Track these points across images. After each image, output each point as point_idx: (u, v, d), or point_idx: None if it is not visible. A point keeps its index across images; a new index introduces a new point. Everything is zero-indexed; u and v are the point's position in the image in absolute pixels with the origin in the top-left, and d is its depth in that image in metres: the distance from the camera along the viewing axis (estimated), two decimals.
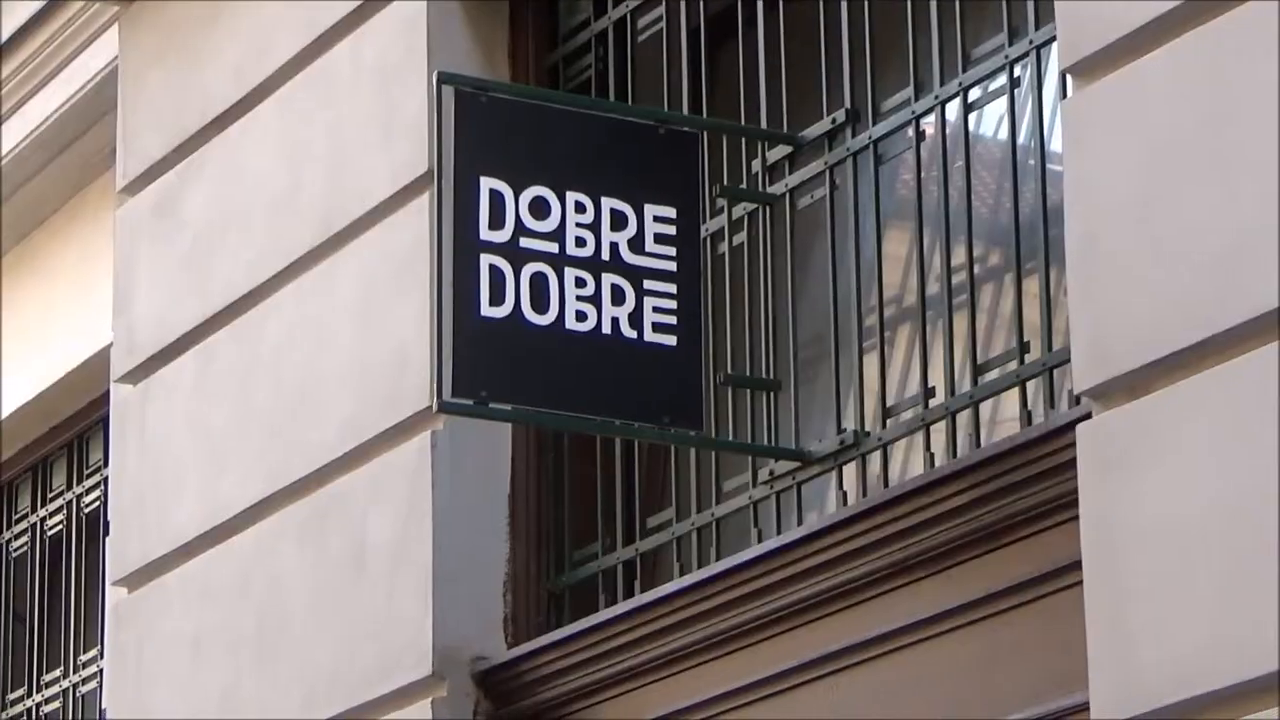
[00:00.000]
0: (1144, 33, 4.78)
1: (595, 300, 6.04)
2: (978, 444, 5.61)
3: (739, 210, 6.36)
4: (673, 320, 6.11)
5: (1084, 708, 4.75)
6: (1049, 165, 5.48)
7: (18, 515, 9.95)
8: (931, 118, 5.91)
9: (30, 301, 9.44)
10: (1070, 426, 4.91)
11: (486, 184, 5.99)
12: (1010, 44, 5.66)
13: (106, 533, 8.12)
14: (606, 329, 6.06)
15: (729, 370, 6.27)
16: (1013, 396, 5.59)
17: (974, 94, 5.80)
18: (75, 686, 9.26)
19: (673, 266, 6.13)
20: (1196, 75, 4.72)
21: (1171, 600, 4.65)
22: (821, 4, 6.17)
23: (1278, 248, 4.50)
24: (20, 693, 9.76)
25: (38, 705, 9.60)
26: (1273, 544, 4.45)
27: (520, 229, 6.00)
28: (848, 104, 6.10)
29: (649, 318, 6.08)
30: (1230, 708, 4.52)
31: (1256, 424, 4.53)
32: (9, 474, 9.91)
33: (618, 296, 6.06)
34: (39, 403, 9.39)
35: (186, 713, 7.33)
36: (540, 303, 6.00)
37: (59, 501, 9.66)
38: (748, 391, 6.28)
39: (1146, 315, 4.73)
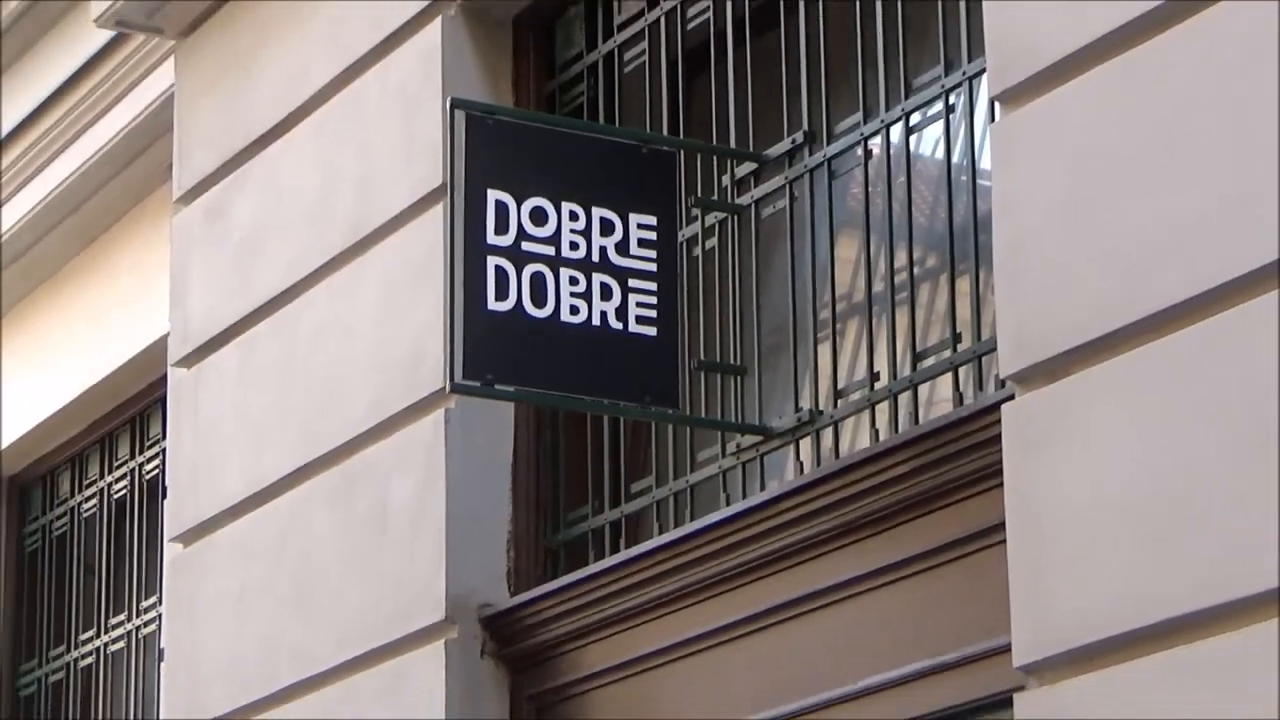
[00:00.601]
0: (1062, 65, 4.79)
1: (586, 296, 6.04)
2: (916, 421, 5.61)
3: (711, 219, 6.37)
4: (653, 314, 6.12)
5: (1006, 649, 4.75)
6: (979, 180, 5.48)
7: (88, 482, 9.93)
8: (878, 139, 5.90)
9: (98, 296, 9.43)
10: (996, 407, 4.92)
11: (492, 195, 5.99)
12: (946, 75, 5.65)
13: (164, 496, 8.10)
14: (596, 321, 6.06)
15: (702, 357, 6.28)
16: (946, 380, 5.59)
17: (915, 118, 5.80)
18: (137, 629, 9.24)
19: (653, 267, 6.14)
20: (1108, 102, 4.73)
21: (1082, 557, 4.66)
22: (783, 40, 6.17)
23: (1177, 252, 4.51)
24: (90, 634, 9.74)
25: (105, 645, 9.58)
26: (1168, 508, 4.45)
27: (522, 234, 6.01)
28: (805, 127, 6.09)
29: (633, 311, 6.09)
30: (1132, 649, 4.51)
31: (1158, 405, 4.54)
32: (79, 446, 9.91)
33: (606, 293, 6.07)
34: (106, 384, 9.37)
35: (233, 651, 7.33)
36: (539, 298, 6.00)
37: (124, 470, 9.63)
38: (718, 375, 6.28)
39: (1063, 310, 4.74)
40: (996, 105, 5.00)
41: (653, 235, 6.17)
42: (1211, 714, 4.32)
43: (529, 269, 6.02)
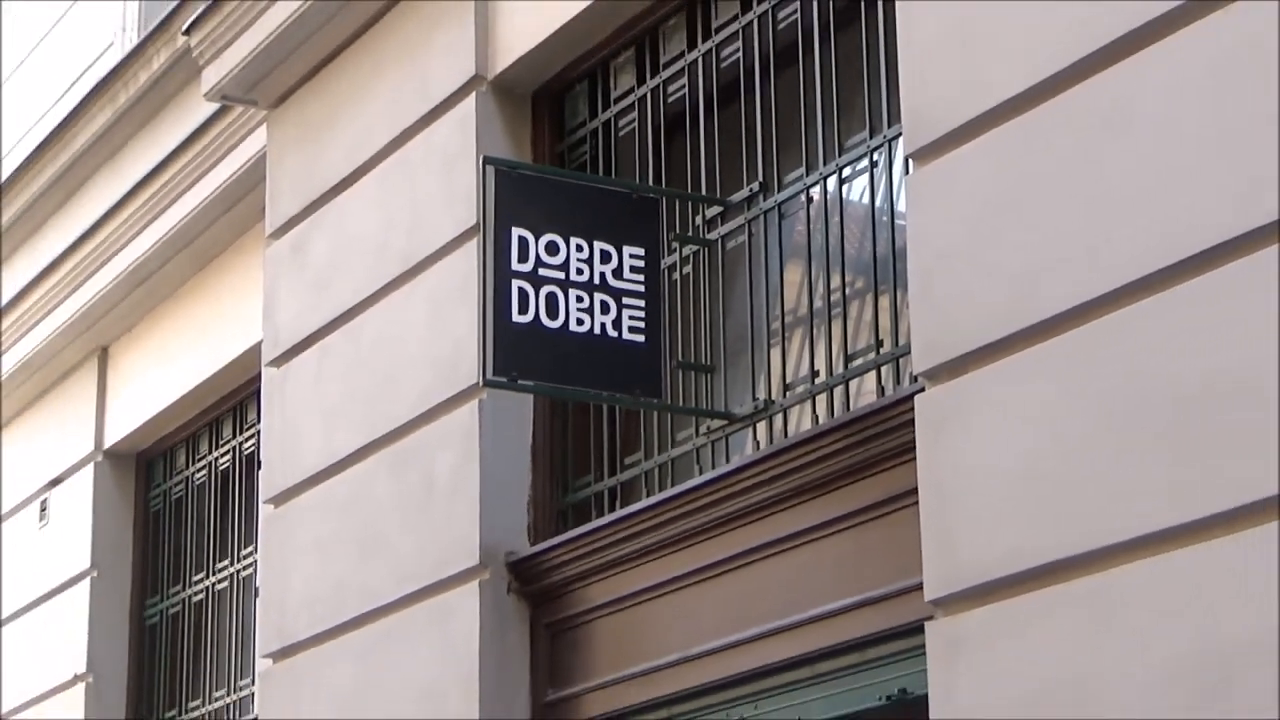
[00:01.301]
0: (959, 131, 4.80)
1: (589, 311, 6.05)
2: (847, 408, 5.61)
3: (686, 250, 6.36)
4: (642, 325, 6.13)
5: (918, 587, 4.74)
6: (897, 220, 5.48)
7: (199, 457, 9.91)
8: (818, 188, 5.88)
9: (208, 311, 9.41)
10: (910, 397, 4.92)
11: (516, 232, 6.00)
12: (871, 138, 5.65)
13: (259, 467, 8.08)
14: (597, 331, 6.07)
15: (679, 358, 6.26)
16: (872, 376, 5.59)
17: (847, 172, 5.79)
18: (238, 572, 9.23)
19: (641, 288, 6.15)
20: (996, 159, 4.73)
21: (977, 516, 4.66)
22: (742, 110, 6.16)
23: (1051, 276, 4.50)
24: (201, 575, 9.73)
25: (213, 584, 9.57)
26: (1045, 476, 4.44)
27: (539, 262, 6.01)
28: (760, 179, 6.08)
29: (626, 323, 6.10)
30: (1018, 587, 4.50)
31: (1036, 395, 4.54)
32: (193, 429, 9.89)
33: (604, 308, 6.07)
34: (213, 380, 9.36)
35: (312, 589, 7.32)
36: (552, 312, 6.00)
37: (227, 447, 9.62)
38: (693, 373, 6.26)
39: (963, 321, 4.74)
40: (910, 162, 5.00)
41: (641, 263, 6.17)
42: (1080, 638, 4.32)
43: (544, 289, 6.02)
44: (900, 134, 5.16)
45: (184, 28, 8.39)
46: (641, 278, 6.17)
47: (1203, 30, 4.23)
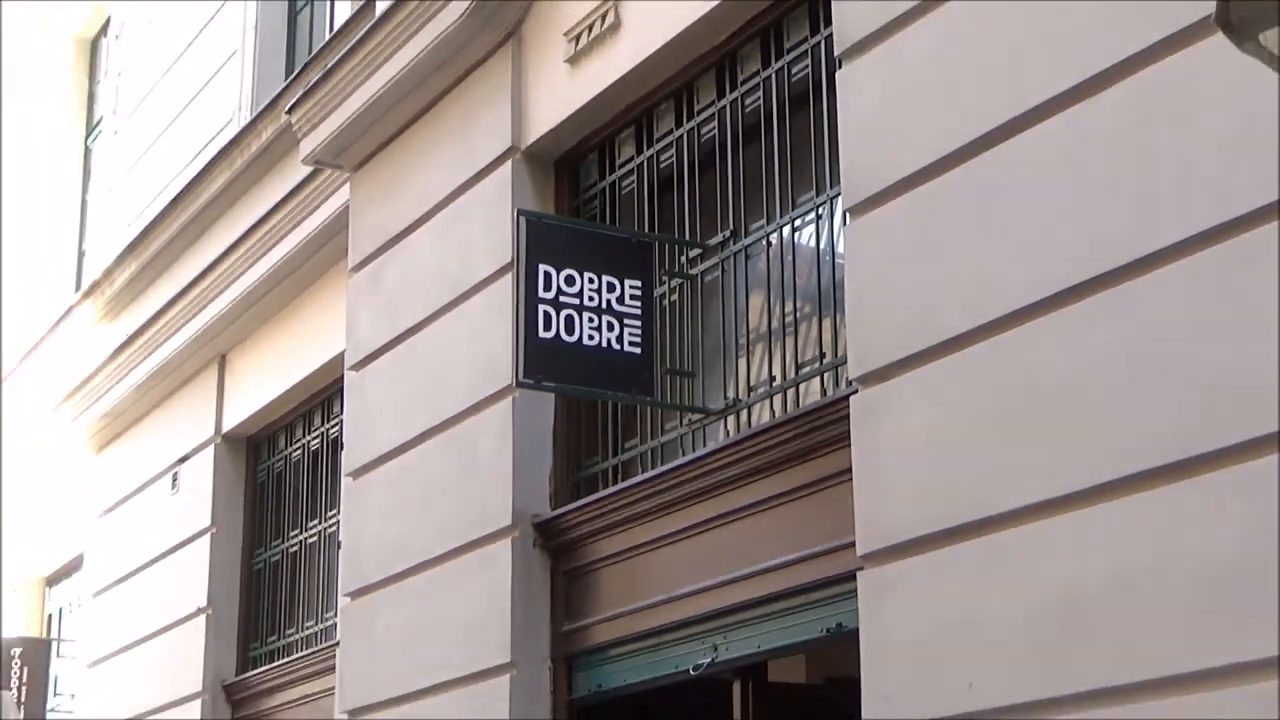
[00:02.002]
0: (883, 194, 4.81)
1: (599, 329, 6.06)
2: (798, 405, 5.60)
3: (674, 282, 6.35)
4: (639, 340, 6.14)
5: (852, 544, 4.75)
6: (837, 260, 5.47)
7: (295, 440, 9.91)
8: (775, 235, 5.88)
9: (303, 326, 9.40)
10: (846, 398, 4.92)
11: (542, 268, 6.00)
12: (817, 196, 5.64)
13: (342, 448, 8.08)
14: (604, 344, 6.08)
15: (668, 366, 6.25)
16: (817, 381, 5.59)
17: (798, 222, 5.80)
18: (325, 529, 9.25)
19: (639, 312, 6.16)
20: (913, 214, 4.74)
21: (898, 488, 4.66)
22: (717, 173, 6.15)
23: (953, 303, 4.52)
24: (296, 531, 9.73)
25: (305, 538, 9.58)
26: (950, 456, 4.44)
27: (559, 292, 6.01)
28: (731, 228, 6.08)
29: (626, 339, 6.10)
30: (933, 543, 4.51)
31: (945, 396, 4.55)
32: (291, 418, 9.90)
33: (610, 327, 6.08)
34: (308, 380, 9.35)
35: (380, 543, 7.36)
36: (570, 330, 6.01)
37: (317, 432, 9.61)
38: (678, 377, 6.25)
39: (888, 338, 4.75)
40: (847, 215, 5.00)
41: (638, 292, 6.17)
42: (975, 585, 4.34)
43: (564, 312, 6.01)
44: (839, 194, 5.17)
45: (286, 108, 8.41)
46: (639, 304, 6.17)
47: (1062, 122, 4.27)
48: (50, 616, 13.60)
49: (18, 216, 15.07)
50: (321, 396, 9.46)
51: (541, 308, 6.00)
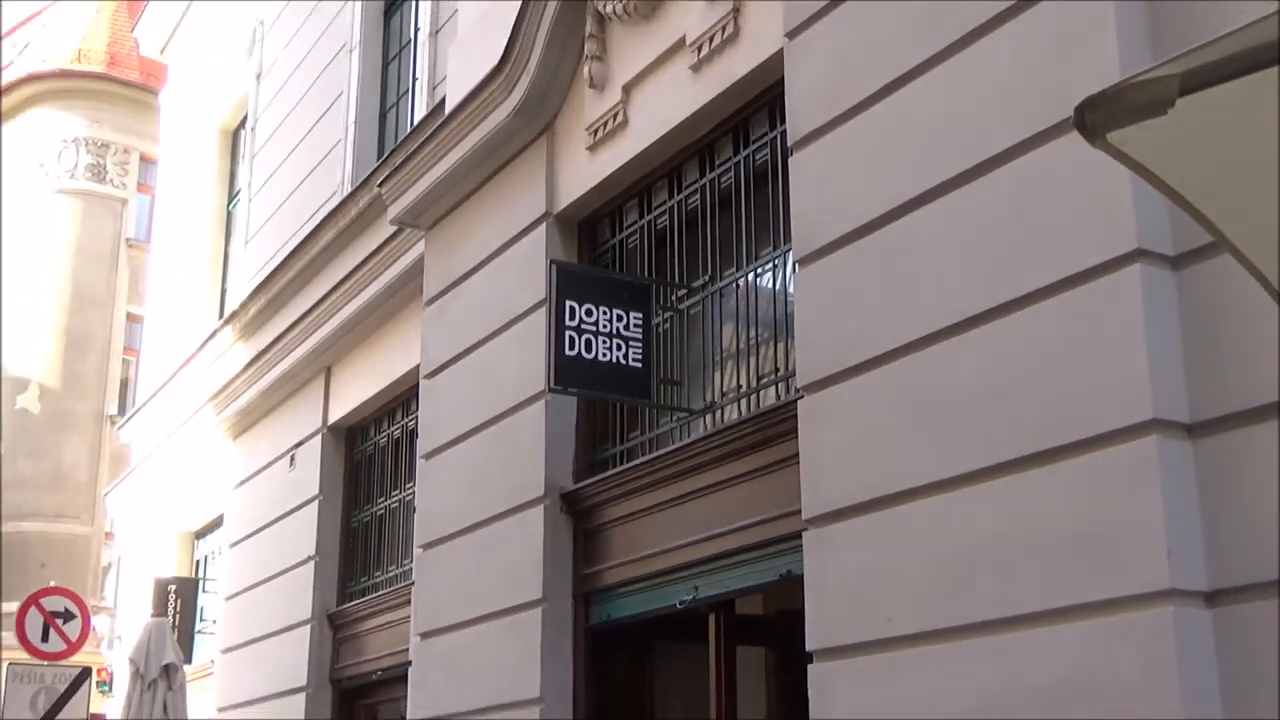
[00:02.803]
0: (825, 248, 4.80)
1: (610, 349, 6.06)
2: (758, 407, 5.60)
3: (667, 315, 6.34)
4: (640, 358, 6.13)
5: (799, 511, 4.74)
6: (789, 298, 5.47)
7: (381, 430, 9.89)
8: (743, 279, 5.88)
9: (388, 346, 9.43)
10: (795, 401, 4.91)
11: (568, 303, 6.01)
12: (774, 250, 5.65)
13: (417, 437, 8.07)
14: (615, 361, 6.08)
15: (661, 376, 6.24)
16: (773, 390, 5.59)
17: (760, 270, 5.80)
18: (404, 497, 9.25)
19: (640, 337, 6.15)
20: (846, 263, 4.74)
21: (834, 468, 4.66)
22: (701, 235, 6.16)
23: (881, 327, 4.52)
24: (382, 499, 9.73)
25: (389, 504, 9.58)
26: (879, 443, 4.43)
27: (581, 320, 6.02)
28: (709, 273, 6.09)
29: (631, 356, 6.10)
30: (865, 509, 4.50)
31: (868, 401, 4.54)
32: (379, 414, 9.97)
33: (619, 348, 6.08)
34: (392, 385, 9.37)
35: (447, 509, 7.35)
36: (589, 350, 6.01)
37: (399, 425, 9.60)
38: (669, 385, 6.25)
39: (827, 357, 4.75)
40: (797, 265, 5.00)
41: (640, 322, 6.16)
42: (890, 544, 4.34)
43: (584, 336, 6.00)
44: (791, 249, 5.18)
45: (378, 183, 8.44)
46: (640, 330, 6.15)
47: (959, 194, 4.28)
48: (197, 562, 13.61)
49: (177, 263, 15.21)
50: (402, 398, 9.45)
51: (568, 333, 6.00)
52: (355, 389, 10.04)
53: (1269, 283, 1.64)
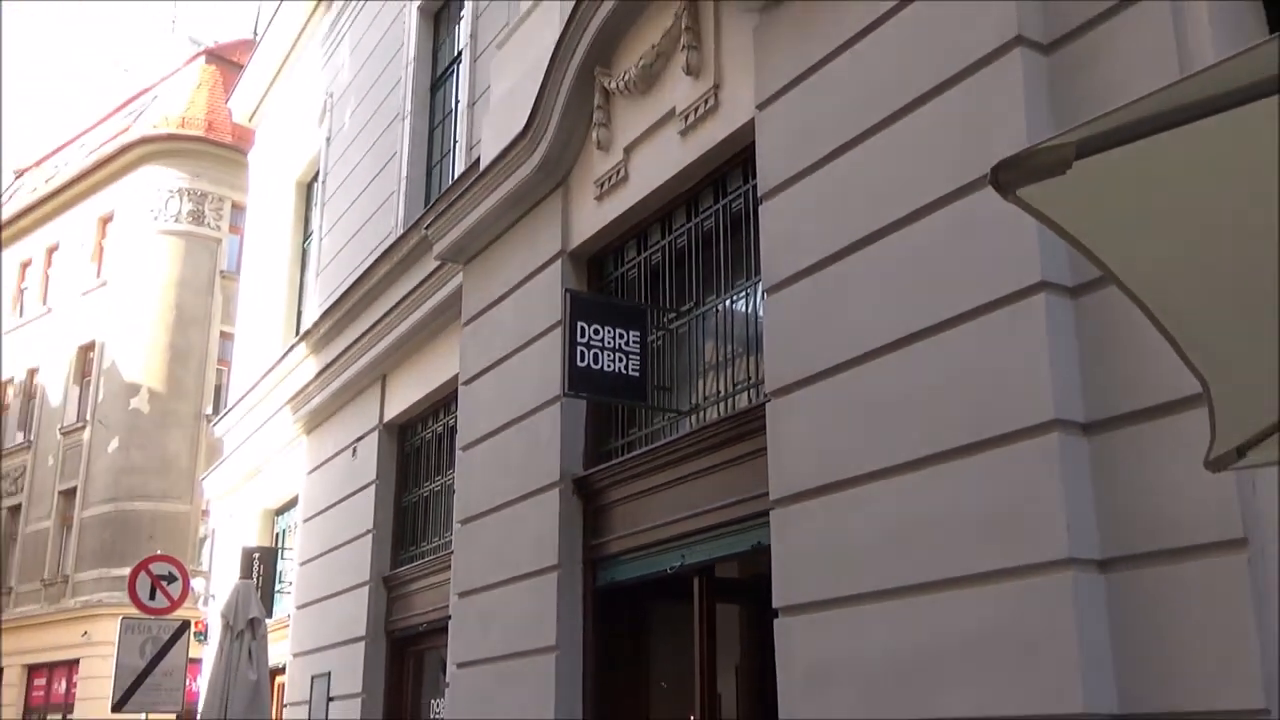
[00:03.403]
0: (787, 280, 4.80)
1: (613, 361, 6.04)
2: (733, 408, 5.58)
3: (659, 333, 6.32)
4: (638, 367, 6.11)
5: (766, 493, 4.74)
6: (759, 320, 5.46)
7: (428, 427, 9.86)
8: (722, 304, 5.87)
9: (434, 357, 9.39)
10: (763, 405, 4.90)
11: (580, 323, 6.00)
12: (747, 280, 5.64)
13: (456, 433, 8.04)
14: (617, 370, 6.06)
15: (655, 383, 6.23)
16: (745, 395, 5.57)
17: (736, 298, 5.79)
18: (445, 482, 9.22)
19: (638, 351, 6.13)
20: (804, 294, 4.74)
21: (797, 456, 4.64)
22: (688, 268, 6.16)
23: (835, 341, 4.51)
24: (428, 483, 9.70)
25: (433, 488, 9.54)
26: (832, 434, 4.42)
27: (590, 338, 6.01)
28: (694, 299, 6.08)
29: (630, 367, 6.08)
30: (814, 494, 4.49)
31: (822, 404, 4.53)
32: (425, 414, 9.90)
33: (620, 360, 6.06)
34: (437, 390, 9.34)
35: (481, 492, 7.33)
36: (596, 361, 6.00)
37: (441, 423, 9.56)
38: (661, 390, 6.24)
39: (789, 369, 4.74)
40: (765, 294, 4.99)
41: (638, 339, 6.14)
42: (843, 521, 4.32)
43: (592, 350, 5.99)
44: (760, 280, 5.17)
45: (425, 226, 8.44)
46: (638, 346, 6.13)
47: (896, 237, 4.29)
48: (277, 534, 13.57)
49: (261, 291, 15.19)
50: (444, 401, 9.44)
51: (579, 347, 6.00)
52: (406, 393, 10.01)
53: (1149, 310, 1.64)
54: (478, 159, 8.17)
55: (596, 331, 6.07)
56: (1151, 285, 1.61)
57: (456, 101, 10.20)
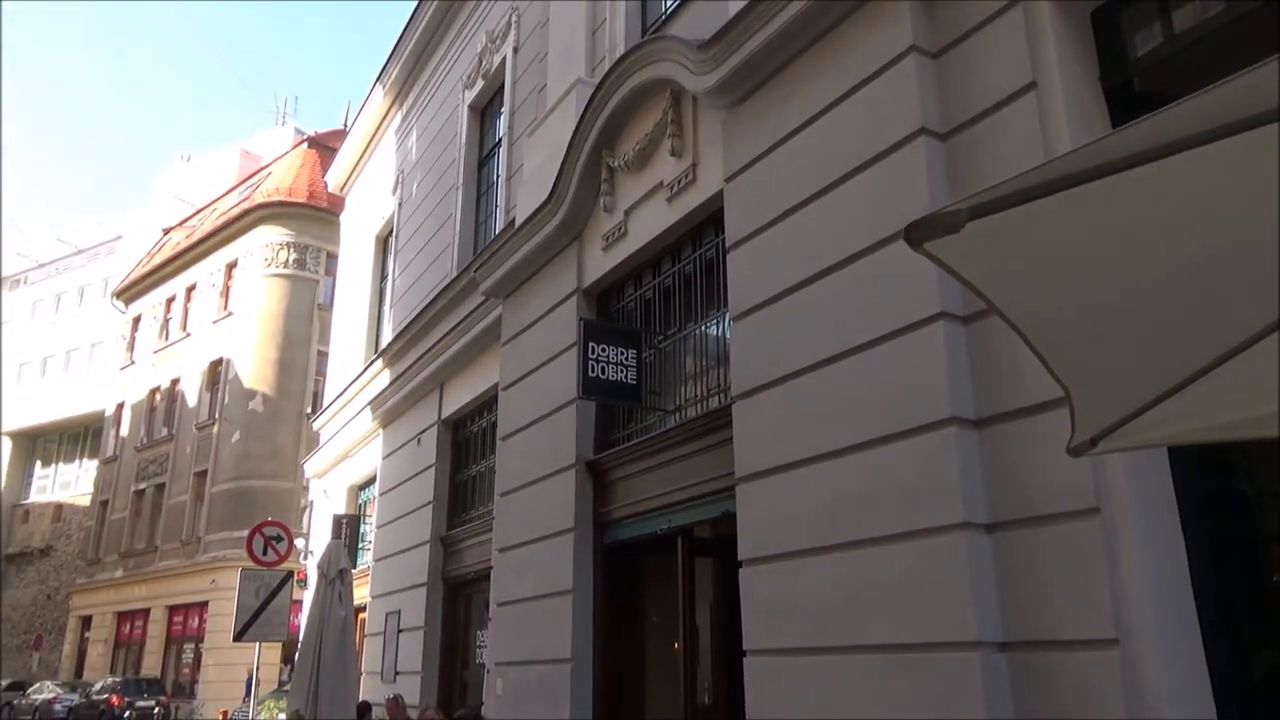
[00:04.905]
0: (749, 310, 4.76)
1: (616, 372, 6.01)
2: (707, 408, 5.53)
3: (651, 351, 6.28)
4: (635, 377, 6.07)
5: (733, 472, 4.70)
6: (726, 341, 5.43)
7: (476, 423, 9.77)
8: (699, 330, 5.83)
9: (479, 371, 9.33)
10: (729, 406, 4.85)
11: (590, 344, 5.98)
12: (717, 311, 5.61)
13: (497, 428, 7.97)
14: (619, 379, 6.02)
15: (648, 389, 6.19)
16: (717, 398, 5.53)
17: (710, 324, 5.76)
18: (489, 464, 9.14)
19: (635, 364, 6.10)
20: (766, 320, 4.70)
21: (756, 444, 4.60)
22: (673, 300, 6.13)
23: (781, 360, 4.47)
24: (476, 464, 9.61)
25: (480, 469, 9.49)
26: (789, 425, 4.36)
27: (599, 354, 5.97)
28: (678, 325, 6.04)
29: (629, 377, 6.05)
30: (770, 474, 4.44)
31: (777, 405, 4.48)
32: (473, 413, 9.80)
33: (621, 371, 6.03)
34: (481, 395, 9.25)
35: (515, 472, 7.26)
36: (604, 372, 5.97)
37: (485, 421, 9.49)
38: (654, 394, 6.20)
39: (749, 378, 4.70)
40: (732, 321, 4.93)
41: (635, 355, 6.12)
42: (792, 498, 4.27)
43: (600, 364, 5.97)
44: (728, 310, 5.14)
45: (474, 270, 8.40)
46: (635, 361, 6.10)
47: (835, 277, 4.26)
48: (360, 504, 13.48)
49: (348, 320, 15.11)
50: (488, 402, 9.36)
51: (590, 362, 5.98)
52: (459, 396, 9.93)
53: (1023, 335, 1.64)
54: (513, 219, 8.17)
55: (604, 350, 6.06)
56: (1025, 316, 1.61)
57: (497, 176, 10.20)
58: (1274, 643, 2.99)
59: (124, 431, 29.55)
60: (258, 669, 10.42)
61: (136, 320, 30.80)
